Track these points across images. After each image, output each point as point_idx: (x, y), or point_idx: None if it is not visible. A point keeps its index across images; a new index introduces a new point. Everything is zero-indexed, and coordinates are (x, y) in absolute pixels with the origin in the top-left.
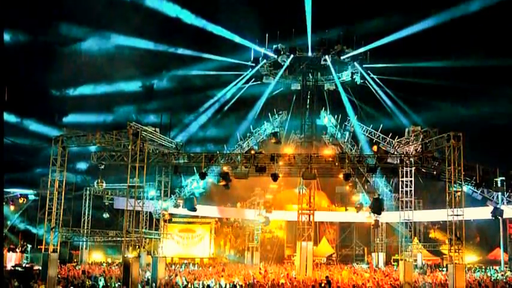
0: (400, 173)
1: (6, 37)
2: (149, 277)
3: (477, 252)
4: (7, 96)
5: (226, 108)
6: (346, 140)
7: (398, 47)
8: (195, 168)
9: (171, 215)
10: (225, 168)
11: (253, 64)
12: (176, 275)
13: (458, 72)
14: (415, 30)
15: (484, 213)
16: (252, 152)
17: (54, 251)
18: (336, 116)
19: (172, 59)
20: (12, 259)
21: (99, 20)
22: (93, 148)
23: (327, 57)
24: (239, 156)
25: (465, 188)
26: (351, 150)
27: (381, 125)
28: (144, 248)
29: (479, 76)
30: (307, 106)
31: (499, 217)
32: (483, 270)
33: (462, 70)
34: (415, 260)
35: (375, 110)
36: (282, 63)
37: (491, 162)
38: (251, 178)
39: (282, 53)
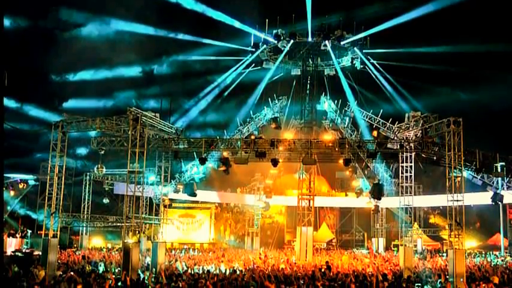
0: (400, 158)
1: (6, 22)
2: (149, 262)
3: (477, 237)
4: (7, 81)
5: (226, 93)
6: (346, 126)
7: (398, 32)
8: (195, 153)
9: (171, 200)
10: (225, 154)
11: (253, 49)
12: (176, 260)
13: (458, 58)
14: (415, 15)
15: (484, 198)
16: (252, 137)
17: (54, 236)
18: (336, 101)
19: (172, 44)
20: (12, 244)
21: (99, 5)
22: (93, 133)
23: (327, 42)
24: (239, 142)
25: (465, 174)
26: (351, 135)
27: (381, 111)
28: (144, 233)
29: (479, 61)
30: (307, 91)
31: (499, 202)
32: (483, 255)
33: (462, 55)
34: (415, 246)
35: (374, 96)
36: (282, 49)
37: (491, 148)
38: (251, 163)
39: (282, 38)
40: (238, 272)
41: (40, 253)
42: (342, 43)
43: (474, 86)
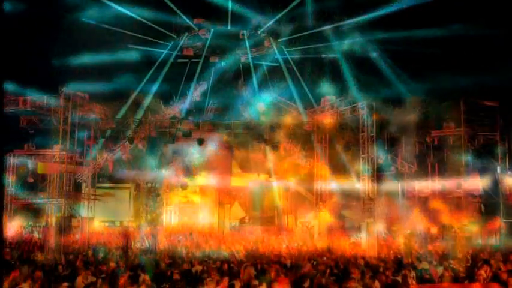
0: (400, 142)
1: (6, 5)
2: (149, 246)
3: (478, 221)
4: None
5: (226, 77)
6: (346, 110)
7: (399, 16)
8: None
9: (171, 184)
10: (226, 137)
11: (253, 33)
12: (176, 244)
13: (459, 41)
14: None
15: (485, 182)
16: (252, 121)
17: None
18: (336, 86)
19: (172, 27)
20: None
21: None
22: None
23: (327, 26)
24: (240, 126)
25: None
26: (351, 119)
27: (381, 94)
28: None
29: (479, 46)
30: (307, 75)
31: (500, 186)
32: (484, 239)
33: (462, 39)
34: (416, 230)
35: (375, 79)
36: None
37: (492, 132)
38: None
39: (282, 22)
40: (237, 256)
41: (40, 237)
42: (342, 27)
43: (474, 70)
